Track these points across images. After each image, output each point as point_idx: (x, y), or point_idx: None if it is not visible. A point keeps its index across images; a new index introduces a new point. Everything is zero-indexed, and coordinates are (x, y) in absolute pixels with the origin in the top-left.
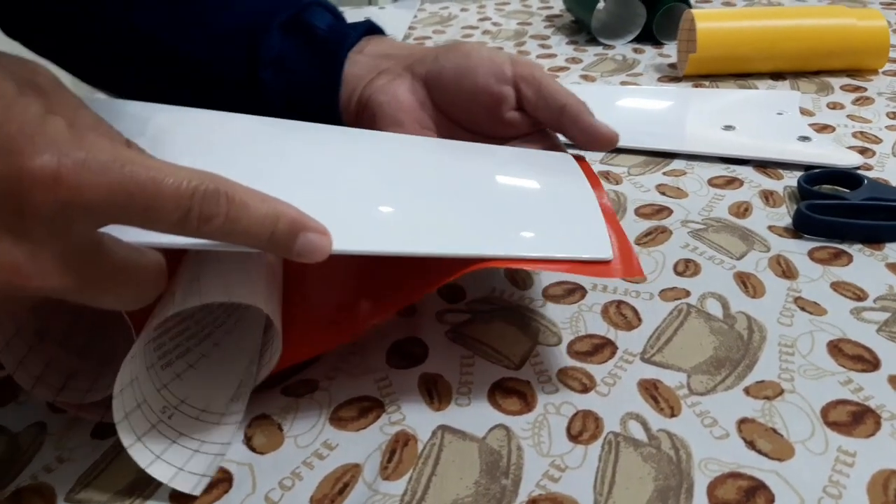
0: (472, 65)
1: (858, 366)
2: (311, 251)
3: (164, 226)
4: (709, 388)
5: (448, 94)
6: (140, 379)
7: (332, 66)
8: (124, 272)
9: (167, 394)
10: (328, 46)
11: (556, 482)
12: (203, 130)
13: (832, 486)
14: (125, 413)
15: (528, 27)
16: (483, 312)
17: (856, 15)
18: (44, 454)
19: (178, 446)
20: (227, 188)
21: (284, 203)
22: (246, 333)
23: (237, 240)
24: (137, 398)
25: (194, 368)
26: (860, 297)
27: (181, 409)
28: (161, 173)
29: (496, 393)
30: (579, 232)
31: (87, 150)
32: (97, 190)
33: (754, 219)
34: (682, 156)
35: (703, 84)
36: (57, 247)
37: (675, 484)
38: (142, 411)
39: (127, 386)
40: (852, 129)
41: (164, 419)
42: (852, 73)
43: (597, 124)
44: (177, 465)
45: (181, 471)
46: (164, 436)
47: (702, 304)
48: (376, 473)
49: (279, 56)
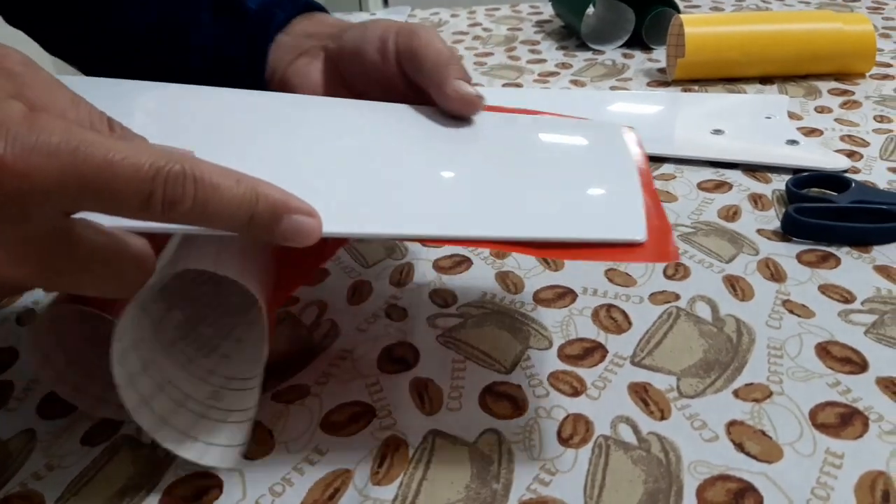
0: (366, 43)
1: (846, 368)
2: (296, 234)
3: (126, 211)
4: (698, 390)
5: (350, 74)
6: (160, 363)
7: (256, 50)
8: (100, 259)
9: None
10: (254, 29)
11: (546, 486)
12: (201, 106)
13: (820, 487)
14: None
15: (519, 32)
16: (474, 317)
17: (843, 19)
18: (33, 461)
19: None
20: (196, 169)
21: (266, 183)
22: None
23: (211, 224)
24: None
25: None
26: (848, 300)
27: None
28: (119, 154)
29: (487, 397)
30: (610, 209)
31: (38, 134)
32: (47, 175)
33: (743, 222)
34: (672, 160)
35: (692, 88)
36: (15, 235)
37: (664, 486)
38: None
39: (139, 374)
40: (840, 132)
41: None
42: (840, 76)
43: (457, 91)
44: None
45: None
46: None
47: (691, 307)
48: (367, 479)
49: (208, 40)
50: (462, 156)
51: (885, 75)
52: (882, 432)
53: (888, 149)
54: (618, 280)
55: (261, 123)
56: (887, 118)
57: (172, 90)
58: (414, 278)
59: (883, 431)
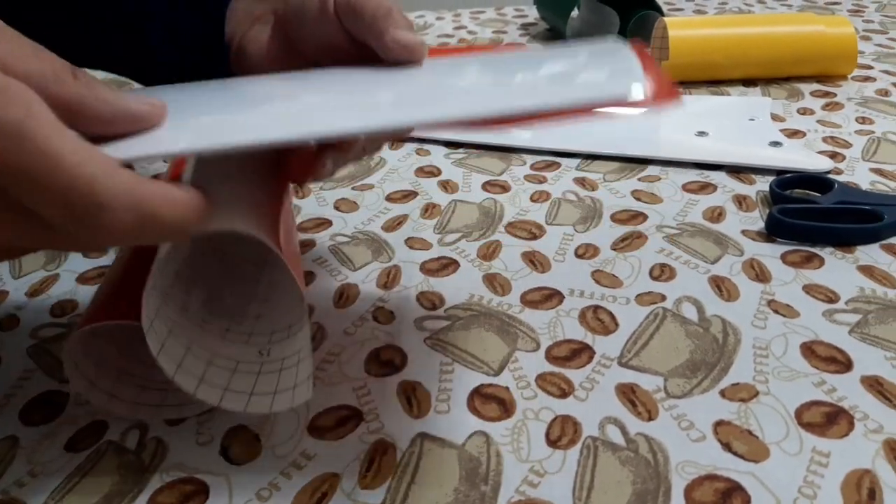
0: (307, 1)
1: (831, 367)
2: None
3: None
4: (685, 391)
5: (296, 37)
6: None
7: (212, 18)
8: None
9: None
10: (209, 5)
11: (535, 488)
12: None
13: (807, 486)
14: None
15: (504, 35)
16: (462, 319)
17: (824, 22)
18: (15, 468)
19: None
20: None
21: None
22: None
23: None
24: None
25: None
26: (832, 300)
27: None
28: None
29: (475, 399)
30: (609, 76)
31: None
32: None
33: (728, 223)
34: (657, 162)
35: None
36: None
37: (652, 487)
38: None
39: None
40: (822, 133)
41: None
42: (822, 79)
43: (396, 34)
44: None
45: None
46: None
47: (677, 308)
48: (355, 483)
49: (165, 19)
50: (442, 72)
51: (866, 77)
52: (867, 431)
53: (870, 150)
54: (604, 281)
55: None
56: (869, 119)
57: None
58: (401, 281)
59: (868, 430)
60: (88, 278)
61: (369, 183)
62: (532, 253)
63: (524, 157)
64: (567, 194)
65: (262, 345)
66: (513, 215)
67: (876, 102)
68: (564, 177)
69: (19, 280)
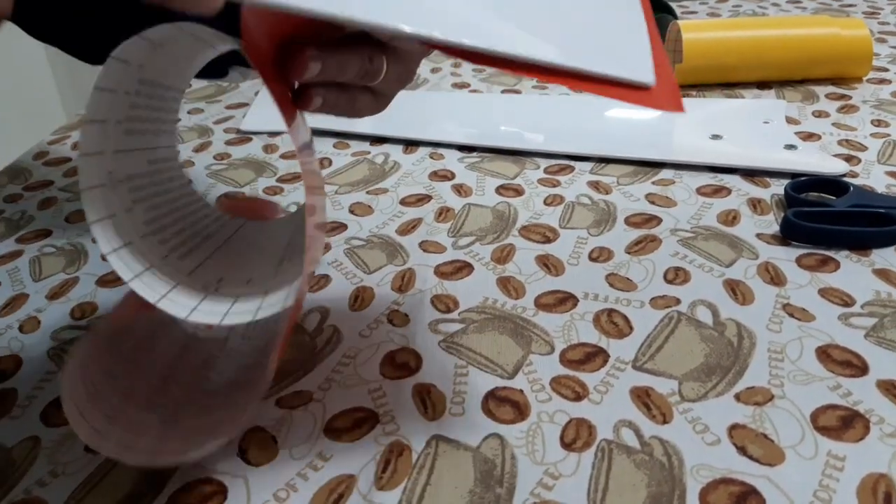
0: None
1: (847, 371)
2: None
3: None
4: (700, 394)
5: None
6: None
7: None
8: None
9: (203, 272)
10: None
11: (549, 490)
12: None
13: (822, 490)
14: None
15: None
16: (476, 322)
17: (839, 24)
18: (37, 468)
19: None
20: None
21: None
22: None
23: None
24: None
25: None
26: (848, 303)
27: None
28: None
29: (490, 402)
30: (622, 53)
31: None
32: None
33: (742, 226)
34: (671, 165)
35: (689, 94)
36: None
37: (667, 490)
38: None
39: (145, 272)
40: (838, 136)
41: (210, 293)
42: (837, 81)
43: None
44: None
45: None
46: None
47: (692, 311)
48: (371, 484)
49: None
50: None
51: (881, 80)
52: (883, 435)
53: (886, 153)
54: (619, 285)
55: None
56: (885, 122)
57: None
58: (415, 284)
59: (884, 434)
60: (108, 281)
61: (384, 187)
62: (546, 256)
63: (537, 160)
64: (581, 198)
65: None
66: (526, 219)
67: (891, 105)
68: (578, 180)
69: (39, 283)
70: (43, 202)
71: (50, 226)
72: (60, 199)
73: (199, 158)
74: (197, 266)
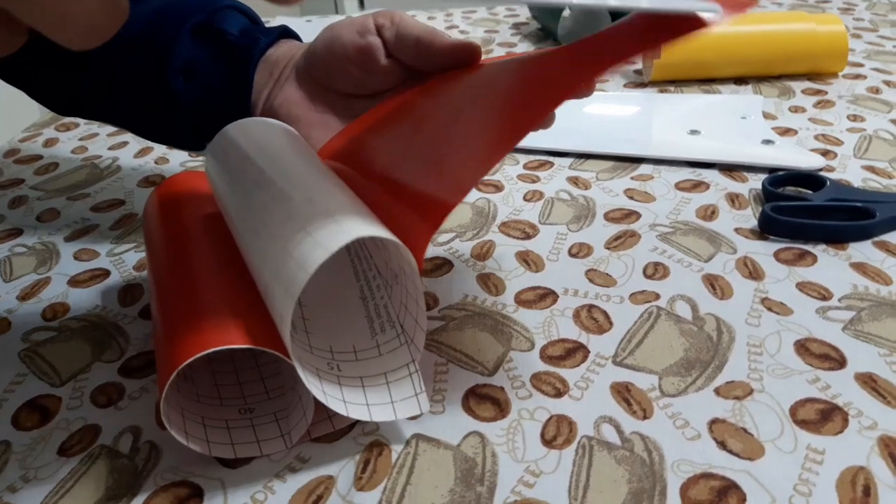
0: (337, 32)
1: (825, 364)
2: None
3: None
4: (680, 389)
5: (324, 68)
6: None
7: (242, 74)
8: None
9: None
10: (238, 53)
11: (530, 488)
12: None
13: (802, 484)
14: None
15: (496, 35)
16: (456, 319)
17: (815, 20)
18: (8, 473)
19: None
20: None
21: None
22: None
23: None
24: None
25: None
26: (825, 297)
27: (338, 357)
28: None
29: (470, 400)
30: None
31: None
32: None
33: (721, 221)
34: (650, 160)
35: (668, 90)
36: None
37: (648, 486)
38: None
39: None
40: (814, 131)
41: (335, 373)
42: (813, 76)
43: (452, 41)
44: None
45: (393, 403)
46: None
47: (671, 306)
48: (350, 485)
49: (189, 63)
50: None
51: (857, 75)
52: (862, 428)
53: (862, 147)
54: (598, 280)
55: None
56: (860, 117)
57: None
58: None
59: (863, 427)
60: (80, 281)
61: None
62: (526, 252)
63: (517, 156)
64: (560, 193)
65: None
66: (506, 215)
67: (867, 100)
68: (557, 176)
69: (10, 283)
70: (14, 200)
71: (21, 225)
72: (31, 198)
73: (173, 156)
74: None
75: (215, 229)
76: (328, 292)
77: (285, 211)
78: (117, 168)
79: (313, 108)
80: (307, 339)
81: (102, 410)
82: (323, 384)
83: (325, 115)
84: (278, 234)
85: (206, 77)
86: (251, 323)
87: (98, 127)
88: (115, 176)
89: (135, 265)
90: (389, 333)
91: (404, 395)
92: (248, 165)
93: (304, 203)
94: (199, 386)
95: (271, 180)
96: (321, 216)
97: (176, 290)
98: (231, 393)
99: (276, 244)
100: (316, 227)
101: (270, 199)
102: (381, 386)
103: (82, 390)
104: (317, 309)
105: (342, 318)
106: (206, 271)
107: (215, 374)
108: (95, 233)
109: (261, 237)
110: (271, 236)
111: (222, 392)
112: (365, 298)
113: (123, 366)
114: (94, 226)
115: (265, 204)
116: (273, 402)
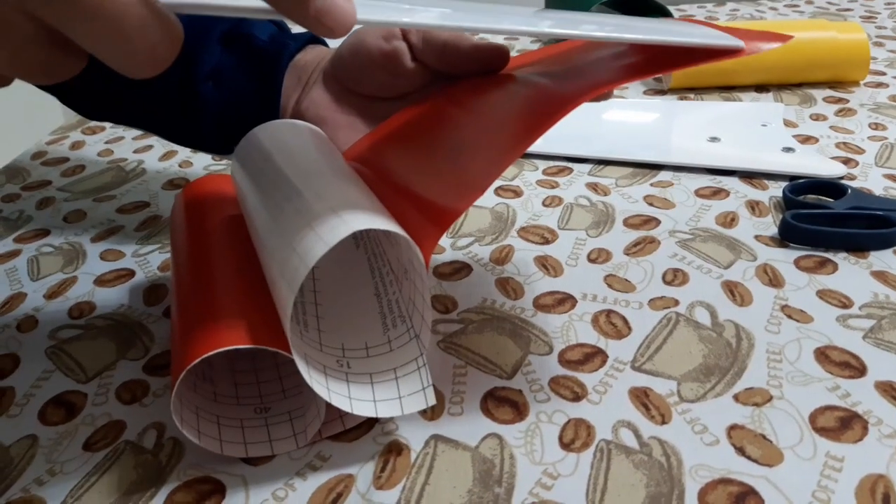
0: (362, 37)
1: (845, 372)
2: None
3: None
4: (699, 395)
5: (350, 72)
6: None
7: (271, 79)
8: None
9: (328, 350)
10: (267, 59)
11: (548, 490)
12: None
13: (821, 490)
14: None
15: (515, 42)
16: (475, 322)
17: (837, 28)
18: (35, 467)
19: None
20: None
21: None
22: (344, 274)
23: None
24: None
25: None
26: (846, 305)
27: (349, 355)
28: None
29: (488, 402)
30: (700, 34)
31: None
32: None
33: (741, 228)
34: (669, 167)
35: (688, 97)
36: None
37: (666, 490)
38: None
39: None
40: (835, 139)
41: (343, 370)
42: (834, 85)
43: (481, 44)
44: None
45: (402, 398)
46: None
47: (690, 312)
48: (369, 483)
49: (218, 70)
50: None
51: (878, 83)
52: (882, 436)
53: (883, 156)
54: (617, 286)
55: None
56: (882, 126)
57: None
58: None
59: (883, 435)
60: (106, 280)
61: None
62: (545, 257)
63: (536, 162)
64: (579, 199)
65: (362, 354)
66: (525, 220)
67: (889, 108)
68: (577, 182)
69: (37, 282)
70: (41, 202)
71: (48, 225)
72: (58, 199)
73: (196, 159)
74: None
75: (236, 231)
76: (345, 289)
77: (295, 207)
78: (142, 171)
79: (339, 110)
80: (318, 336)
81: (127, 407)
82: (329, 381)
83: (350, 117)
84: (287, 229)
85: (235, 83)
86: (262, 322)
87: (124, 130)
88: (140, 178)
89: (159, 266)
90: (400, 328)
91: (412, 390)
92: (269, 165)
93: (314, 199)
94: (218, 385)
95: (287, 179)
96: (326, 211)
97: (192, 291)
98: (249, 392)
99: (284, 239)
100: (319, 222)
101: (284, 197)
102: (390, 381)
103: (107, 387)
104: (331, 308)
105: (356, 314)
106: (224, 273)
107: (236, 373)
108: (121, 234)
109: (273, 234)
110: (281, 233)
111: (240, 391)
112: (379, 295)
113: (148, 363)
114: (120, 227)
115: (279, 202)
116: (288, 400)
